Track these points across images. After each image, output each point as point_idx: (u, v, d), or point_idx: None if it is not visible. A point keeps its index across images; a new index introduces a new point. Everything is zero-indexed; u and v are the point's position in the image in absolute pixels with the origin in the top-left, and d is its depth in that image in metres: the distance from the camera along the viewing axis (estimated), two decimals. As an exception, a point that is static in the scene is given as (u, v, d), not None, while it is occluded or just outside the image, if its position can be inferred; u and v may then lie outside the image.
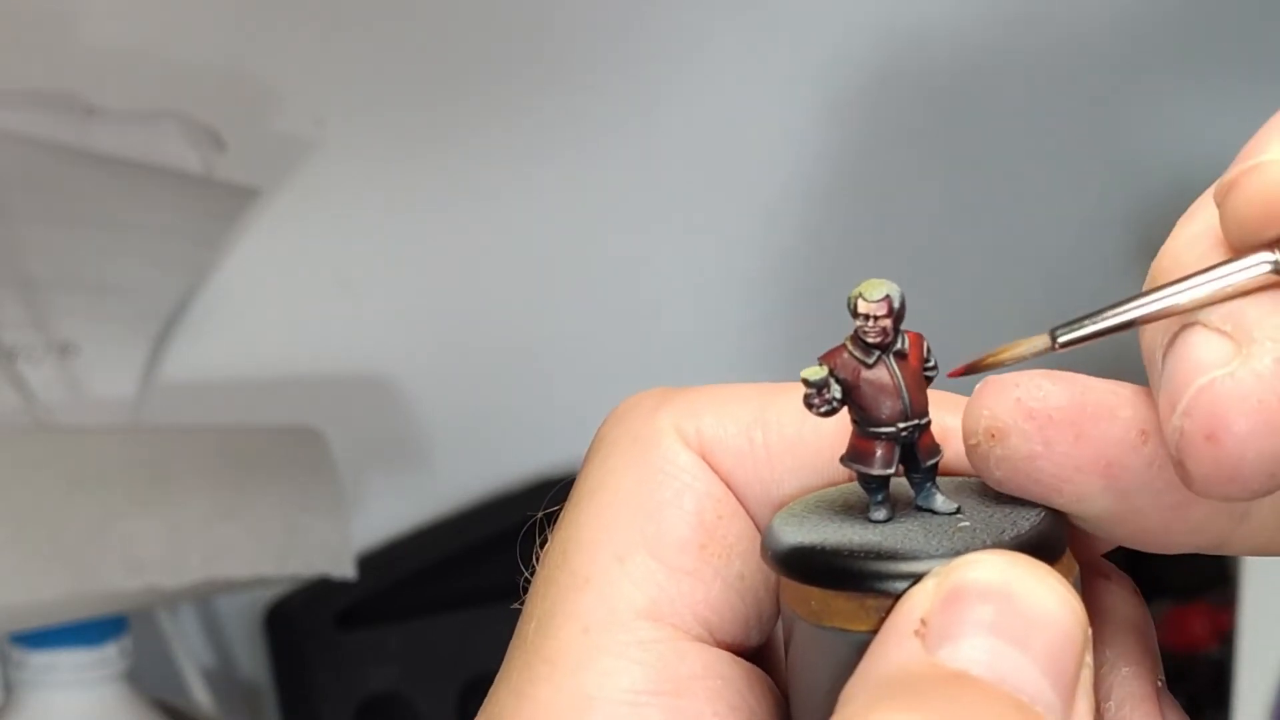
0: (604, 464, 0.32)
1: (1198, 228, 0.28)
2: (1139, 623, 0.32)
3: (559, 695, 0.30)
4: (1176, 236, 0.28)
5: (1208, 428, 0.26)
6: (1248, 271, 0.27)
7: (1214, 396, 0.26)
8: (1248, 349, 0.26)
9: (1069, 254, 1.13)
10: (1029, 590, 0.27)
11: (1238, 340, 0.26)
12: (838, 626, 0.29)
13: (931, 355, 0.30)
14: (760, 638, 0.32)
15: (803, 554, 0.29)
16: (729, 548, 0.32)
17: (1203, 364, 0.26)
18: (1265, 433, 0.26)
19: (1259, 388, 0.26)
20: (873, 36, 1.06)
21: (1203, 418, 0.26)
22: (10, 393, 0.85)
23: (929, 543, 0.29)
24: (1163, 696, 0.31)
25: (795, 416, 0.32)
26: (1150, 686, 0.31)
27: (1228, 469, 0.26)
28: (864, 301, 0.30)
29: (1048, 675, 0.26)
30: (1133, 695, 0.31)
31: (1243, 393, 0.26)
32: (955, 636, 0.26)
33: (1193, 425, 0.26)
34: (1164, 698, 0.31)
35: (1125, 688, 0.31)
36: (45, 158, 0.87)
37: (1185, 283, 0.27)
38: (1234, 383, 0.26)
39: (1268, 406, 0.26)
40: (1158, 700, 0.31)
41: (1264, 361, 0.26)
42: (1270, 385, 0.26)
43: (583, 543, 0.32)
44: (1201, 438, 0.26)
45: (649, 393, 0.33)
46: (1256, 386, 0.26)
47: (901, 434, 0.30)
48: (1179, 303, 0.27)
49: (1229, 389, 0.26)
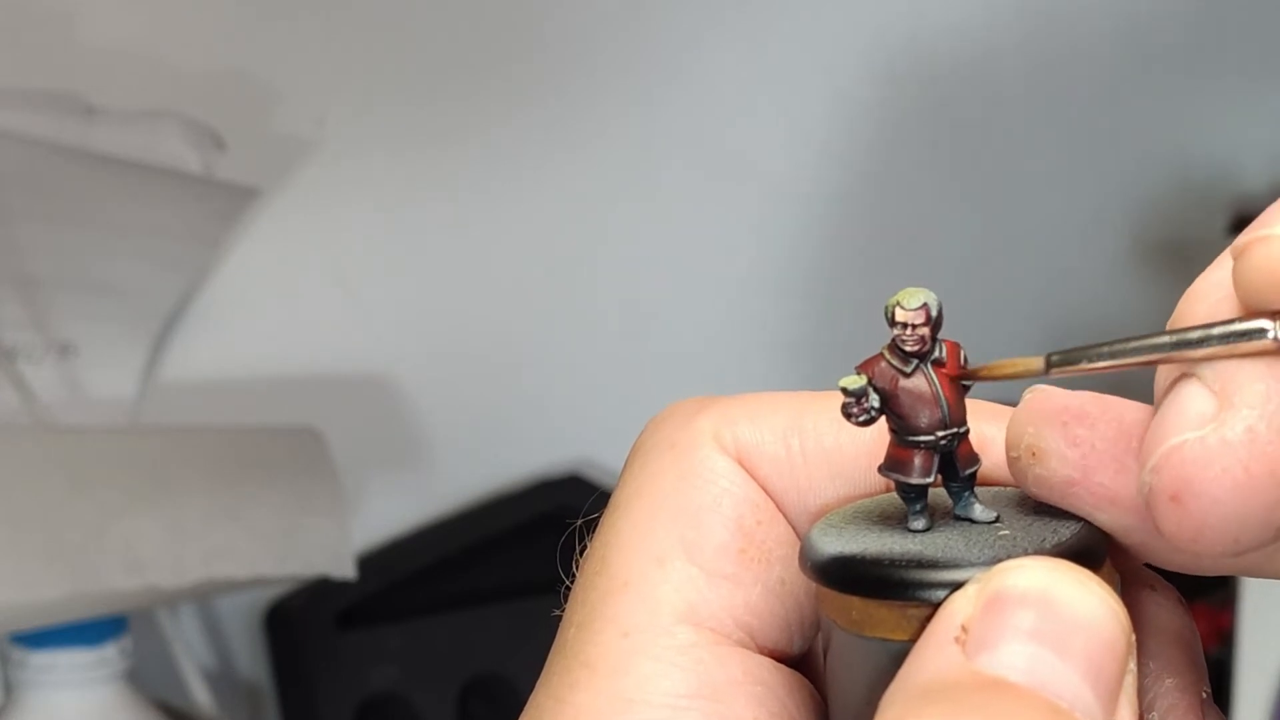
0: (642, 470, 0.32)
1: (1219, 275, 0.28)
2: (1184, 634, 0.32)
3: (598, 699, 0.30)
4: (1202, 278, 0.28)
5: (1172, 488, 0.26)
6: (1244, 337, 0.27)
7: (1181, 459, 0.26)
8: (1225, 413, 0.26)
9: (1069, 254, 1.13)
10: (1070, 595, 0.27)
11: (1220, 402, 0.26)
12: (879, 636, 0.28)
13: (969, 364, 0.30)
14: (803, 644, 0.32)
15: (842, 564, 0.29)
16: (768, 553, 0.32)
17: (1183, 420, 0.26)
18: (1229, 500, 0.26)
19: (1225, 455, 0.26)
20: (873, 37, 1.06)
21: (1169, 478, 0.26)
22: (10, 393, 0.85)
23: (969, 551, 0.28)
24: (1208, 708, 0.31)
25: (832, 425, 0.32)
26: (1195, 698, 0.31)
27: (1190, 530, 0.26)
28: (901, 310, 0.29)
29: (1088, 680, 0.26)
30: (1176, 707, 0.31)
31: (1209, 459, 0.26)
32: (995, 643, 0.26)
33: (1159, 483, 0.26)
34: (1209, 709, 0.31)
35: (1169, 699, 0.31)
36: (45, 158, 0.87)
37: (1185, 334, 0.27)
38: (1203, 448, 0.26)
39: (1232, 475, 0.26)
40: (1202, 713, 0.31)
41: (1235, 430, 0.26)
42: (1236, 454, 0.26)
43: (621, 547, 0.32)
44: (1166, 497, 0.26)
45: (687, 400, 0.33)
46: (1222, 454, 0.26)
47: (940, 443, 0.30)
48: (1174, 355, 0.27)
49: (1197, 454, 0.26)
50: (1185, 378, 0.27)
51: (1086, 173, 1.13)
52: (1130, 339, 0.28)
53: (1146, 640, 0.31)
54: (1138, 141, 1.14)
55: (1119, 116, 1.13)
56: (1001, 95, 1.10)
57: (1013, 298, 1.11)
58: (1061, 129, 1.12)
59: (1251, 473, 0.26)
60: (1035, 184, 1.13)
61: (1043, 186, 1.13)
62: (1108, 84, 1.12)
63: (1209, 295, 0.28)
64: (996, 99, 1.10)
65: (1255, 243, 0.26)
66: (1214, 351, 0.27)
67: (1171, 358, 0.27)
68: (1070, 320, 1.11)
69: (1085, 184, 1.13)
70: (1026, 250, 1.13)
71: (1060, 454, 0.29)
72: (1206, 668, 0.32)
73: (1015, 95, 1.10)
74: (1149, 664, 0.31)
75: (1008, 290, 1.11)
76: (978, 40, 1.08)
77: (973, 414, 0.30)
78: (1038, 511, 0.30)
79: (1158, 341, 0.27)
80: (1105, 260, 1.13)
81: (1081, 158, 1.13)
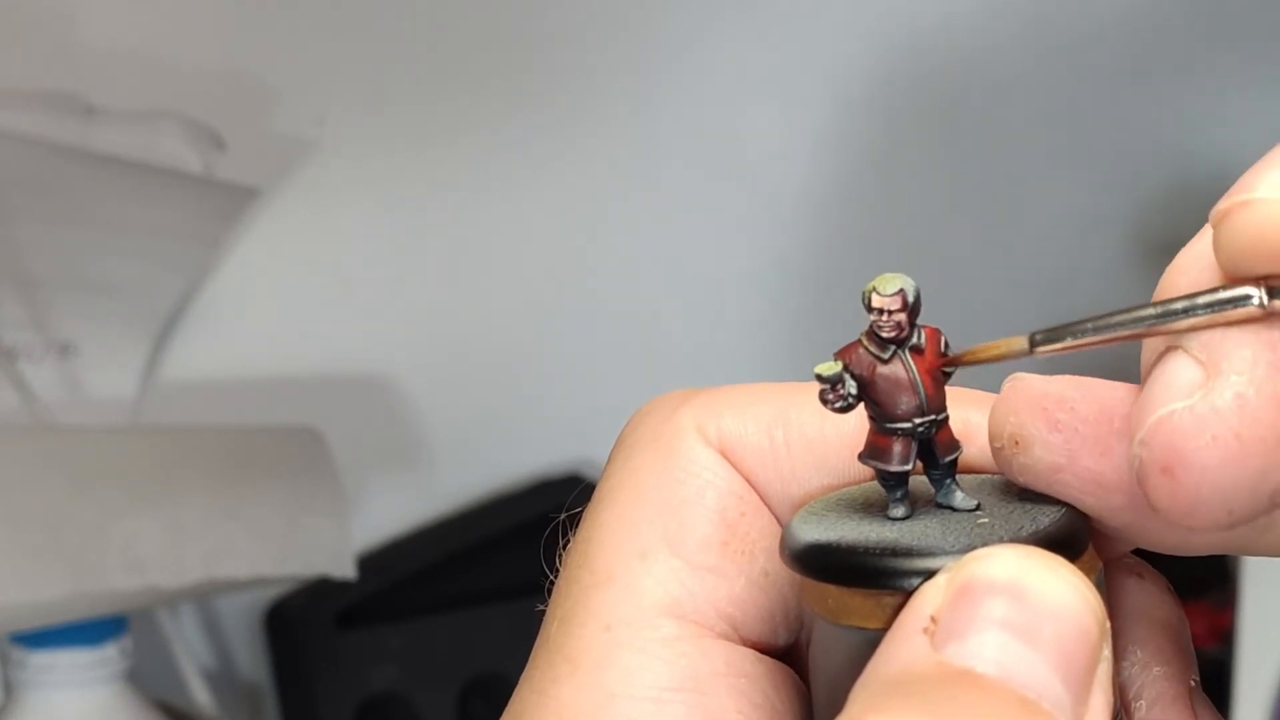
0: (625, 464, 0.32)
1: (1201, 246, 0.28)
2: (1172, 622, 0.31)
3: (581, 693, 0.30)
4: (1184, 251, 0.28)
5: (1163, 460, 0.26)
6: (1230, 304, 0.26)
7: (1171, 429, 0.26)
8: (1213, 381, 0.26)
9: (1069, 254, 1.13)
10: (1040, 584, 0.26)
11: (1208, 371, 0.26)
12: (854, 624, 0.28)
13: (949, 350, 0.30)
14: (789, 636, 0.32)
15: (818, 551, 0.29)
16: (752, 544, 0.32)
17: (1171, 392, 0.26)
18: (1220, 468, 0.25)
19: (1215, 423, 0.25)
20: (873, 37, 1.06)
21: (1159, 450, 0.26)
22: (10, 393, 0.85)
23: (945, 539, 0.28)
24: (1196, 696, 0.31)
25: (816, 415, 0.31)
26: (1183, 686, 0.31)
27: (1183, 502, 0.26)
28: (878, 296, 0.29)
29: (1058, 670, 0.26)
30: (1164, 695, 0.31)
31: (1199, 428, 0.25)
32: (963, 633, 0.26)
33: (1150, 456, 0.26)
34: (1197, 697, 0.31)
35: (1157, 688, 0.31)
36: (45, 158, 0.87)
37: (1170, 305, 0.27)
38: (1192, 417, 0.26)
39: (1223, 442, 0.25)
40: (1190, 701, 0.31)
41: (1224, 396, 0.26)
42: (1227, 421, 0.25)
43: (604, 541, 0.32)
44: (1157, 469, 0.26)
45: (670, 394, 0.33)
46: (1213, 422, 0.25)
47: (918, 430, 0.30)
48: (1160, 326, 0.27)
49: (1186, 423, 0.26)
50: (1171, 350, 0.27)
51: (1086, 172, 1.13)
52: (1114, 313, 0.28)
53: (1134, 629, 0.31)
54: (1138, 141, 1.13)
55: (1119, 115, 1.13)
56: (1001, 94, 1.10)
57: (1012, 297, 1.11)
58: (1061, 128, 1.12)
59: (1242, 439, 0.25)
60: (1035, 183, 1.12)
61: (1043, 185, 1.12)
62: (1108, 83, 1.12)
63: (1191, 268, 0.27)
64: (996, 98, 1.10)
65: (1235, 208, 0.26)
66: (1199, 321, 0.26)
67: (1156, 330, 0.27)
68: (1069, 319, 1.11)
69: (1085, 183, 1.13)
70: (1026, 249, 1.12)
71: (1043, 441, 0.29)
72: (1195, 656, 0.32)
73: (1015, 94, 1.10)
74: (1136, 652, 0.31)
75: (1006, 289, 1.11)
76: (977, 39, 1.08)
77: (958, 401, 0.30)
78: (1021, 498, 0.30)
79: (1142, 314, 0.27)
80: (1105, 260, 1.12)
81: (1081, 157, 1.13)
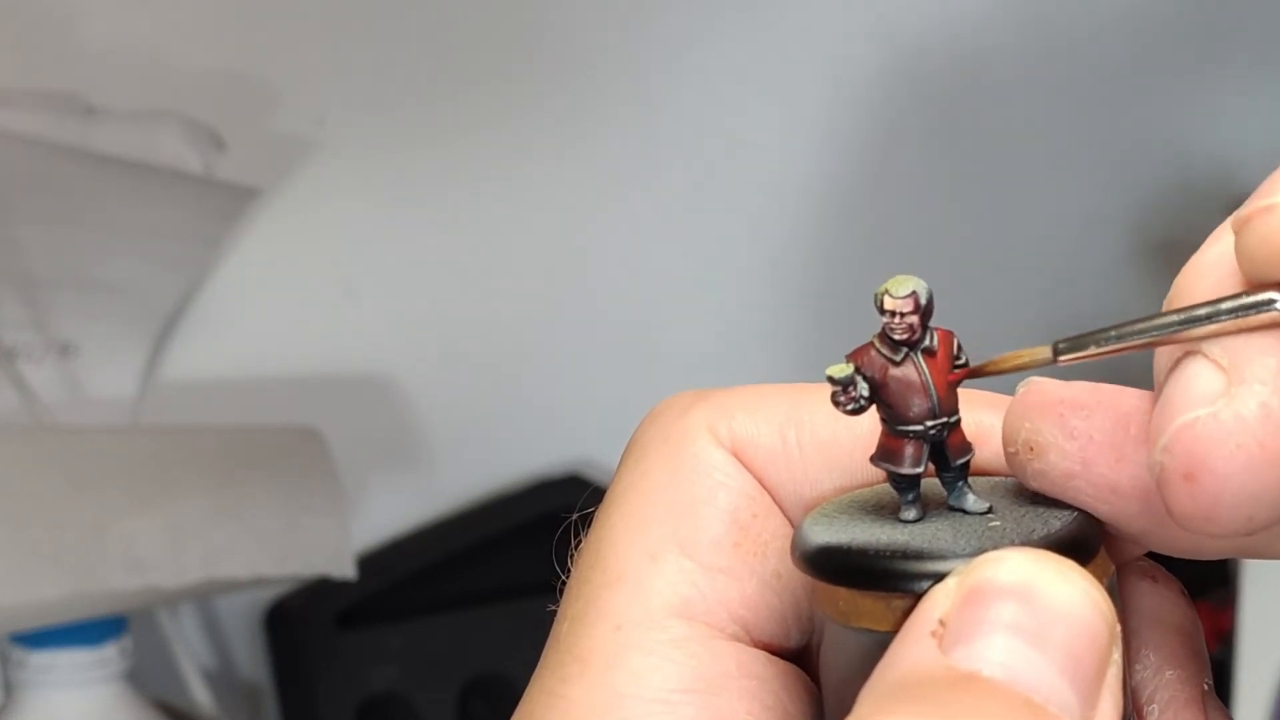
0: (637, 464, 0.32)
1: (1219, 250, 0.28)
2: (1185, 626, 0.31)
3: (591, 694, 0.30)
4: (1200, 255, 0.28)
5: (1186, 467, 0.26)
6: (1254, 308, 0.26)
7: (1194, 436, 0.26)
8: (1235, 389, 0.26)
9: (1069, 253, 1.13)
10: (1049, 587, 0.26)
11: (1230, 378, 0.26)
12: (864, 627, 0.28)
13: (963, 353, 0.30)
14: (800, 638, 0.32)
15: (829, 554, 0.29)
16: (764, 546, 0.32)
17: (1192, 398, 0.26)
18: (1243, 476, 0.25)
19: (1239, 431, 0.25)
20: (873, 37, 1.06)
21: (1182, 456, 0.26)
22: (10, 393, 0.85)
23: (956, 542, 0.28)
24: (1209, 700, 0.31)
25: (828, 416, 0.31)
26: (1196, 690, 0.31)
27: (1204, 509, 0.26)
28: (890, 298, 0.29)
29: (1066, 674, 0.26)
30: (1177, 699, 0.31)
31: (1223, 435, 0.25)
32: (971, 637, 0.26)
33: (1172, 462, 0.26)
34: (1210, 701, 0.31)
35: (1170, 691, 0.31)
36: (45, 158, 0.87)
37: (1193, 311, 0.27)
38: (1215, 424, 0.25)
39: (1247, 450, 0.25)
40: (1203, 705, 0.31)
41: (1248, 405, 0.25)
42: (1251, 430, 0.25)
43: (615, 542, 0.31)
44: (1179, 476, 0.26)
45: (682, 394, 0.33)
46: (1237, 429, 0.25)
47: (930, 432, 0.29)
48: (1182, 333, 0.27)
49: (1210, 430, 0.25)
50: (1189, 355, 0.27)
51: (1086, 172, 1.13)
52: (1137, 320, 0.27)
53: (1147, 632, 0.31)
54: (1137, 140, 1.13)
55: (1119, 116, 1.13)
56: (1001, 93, 1.10)
57: (1012, 296, 1.11)
58: (1061, 127, 1.12)
59: (1266, 448, 0.25)
60: (1035, 182, 1.12)
61: (1043, 185, 1.12)
62: (1108, 82, 1.12)
63: (1210, 272, 0.27)
64: (996, 97, 1.10)
65: (1259, 213, 0.26)
66: (1223, 327, 0.26)
67: (1179, 336, 0.27)
68: (1070, 319, 1.11)
69: (1085, 183, 1.13)
70: (1026, 249, 1.12)
71: (1058, 447, 0.28)
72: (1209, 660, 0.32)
73: (1015, 93, 1.10)
74: (1150, 656, 0.31)
75: (1007, 289, 1.11)
76: (978, 38, 1.08)
77: (970, 403, 0.30)
78: (1034, 502, 0.30)
79: (1165, 321, 0.27)
80: (1105, 260, 1.13)
81: (1081, 157, 1.13)
